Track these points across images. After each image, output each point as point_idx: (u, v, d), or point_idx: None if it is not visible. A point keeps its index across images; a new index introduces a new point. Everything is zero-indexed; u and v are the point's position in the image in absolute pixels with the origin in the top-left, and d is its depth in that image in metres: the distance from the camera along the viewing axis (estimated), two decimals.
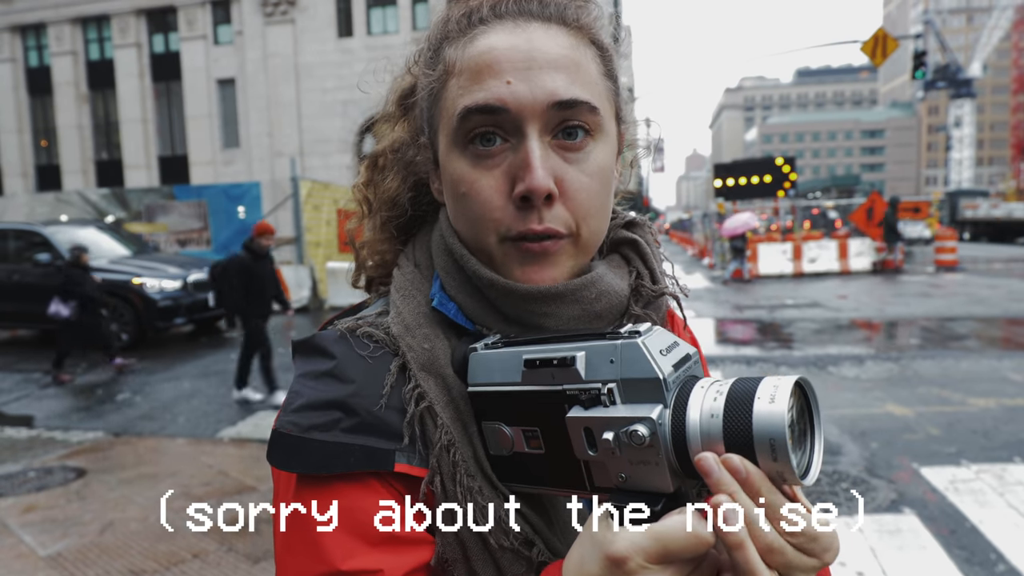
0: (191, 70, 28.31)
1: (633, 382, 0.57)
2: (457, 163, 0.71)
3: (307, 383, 0.70)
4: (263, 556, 3.90)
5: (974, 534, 3.96)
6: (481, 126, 0.69)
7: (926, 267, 19.47)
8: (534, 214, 0.69)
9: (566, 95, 0.68)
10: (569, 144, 0.70)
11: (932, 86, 78.76)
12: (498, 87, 0.68)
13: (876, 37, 16.12)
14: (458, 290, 0.74)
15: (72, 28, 29.43)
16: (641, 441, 0.54)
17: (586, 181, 0.71)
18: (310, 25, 26.51)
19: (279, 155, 26.22)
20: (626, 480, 0.57)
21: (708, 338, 10.50)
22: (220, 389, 7.89)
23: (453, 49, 0.73)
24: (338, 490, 0.66)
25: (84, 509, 4.66)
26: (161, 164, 29.37)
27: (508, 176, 0.69)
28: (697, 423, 0.54)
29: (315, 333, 0.75)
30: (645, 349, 0.57)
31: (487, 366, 0.66)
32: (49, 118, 30.45)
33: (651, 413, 0.55)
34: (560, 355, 0.60)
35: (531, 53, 0.69)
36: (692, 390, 0.56)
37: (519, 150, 0.69)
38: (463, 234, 0.74)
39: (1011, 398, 6.54)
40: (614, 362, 0.58)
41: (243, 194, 15.65)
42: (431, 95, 0.75)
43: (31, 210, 17.74)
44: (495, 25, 0.71)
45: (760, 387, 0.53)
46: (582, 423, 0.58)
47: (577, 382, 0.59)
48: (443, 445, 0.67)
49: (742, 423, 0.52)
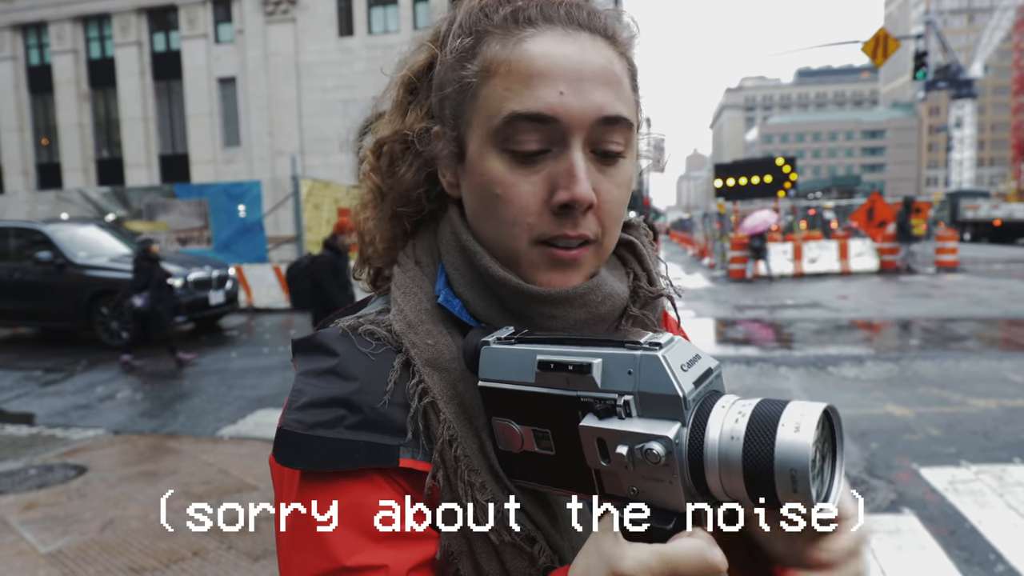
0: (192, 69, 28.33)
1: (651, 396, 0.54)
2: (493, 163, 0.71)
3: (310, 381, 0.70)
4: (263, 554, 3.91)
5: (973, 535, 3.96)
6: (527, 133, 0.69)
7: (926, 268, 19.47)
8: (570, 221, 0.70)
9: (612, 111, 0.70)
10: (607, 159, 0.72)
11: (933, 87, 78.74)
12: (550, 96, 0.68)
13: (877, 37, 16.14)
14: (466, 287, 0.75)
15: (73, 26, 29.45)
16: (656, 460, 0.53)
17: (617, 193, 0.73)
18: (311, 24, 26.51)
19: (280, 154, 26.24)
20: (638, 494, 0.56)
21: (708, 338, 10.50)
22: (220, 388, 7.90)
23: (499, 47, 0.71)
24: (342, 487, 0.66)
25: (85, 507, 4.67)
26: (162, 162, 29.39)
27: (548, 183, 0.70)
28: (716, 445, 0.52)
29: (316, 332, 0.75)
30: (666, 364, 0.54)
31: (500, 362, 0.64)
32: (50, 116, 30.47)
33: (668, 432, 0.53)
34: (576, 361, 0.58)
35: (582, 65, 0.69)
36: (713, 409, 0.54)
37: (561, 159, 0.69)
38: (486, 233, 0.74)
39: (1011, 399, 6.54)
40: (632, 373, 0.56)
41: (244, 193, 15.65)
42: (464, 89, 0.73)
43: (32, 208, 17.75)
44: (545, 29, 0.70)
45: (785, 413, 0.51)
46: (595, 433, 0.56)
47: (592, 390, 0.57)
48: (446, 440, 0.68)
49: (763, 450, 0.50)
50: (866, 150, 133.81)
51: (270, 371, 8.74)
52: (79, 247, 11.33)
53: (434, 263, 0.78)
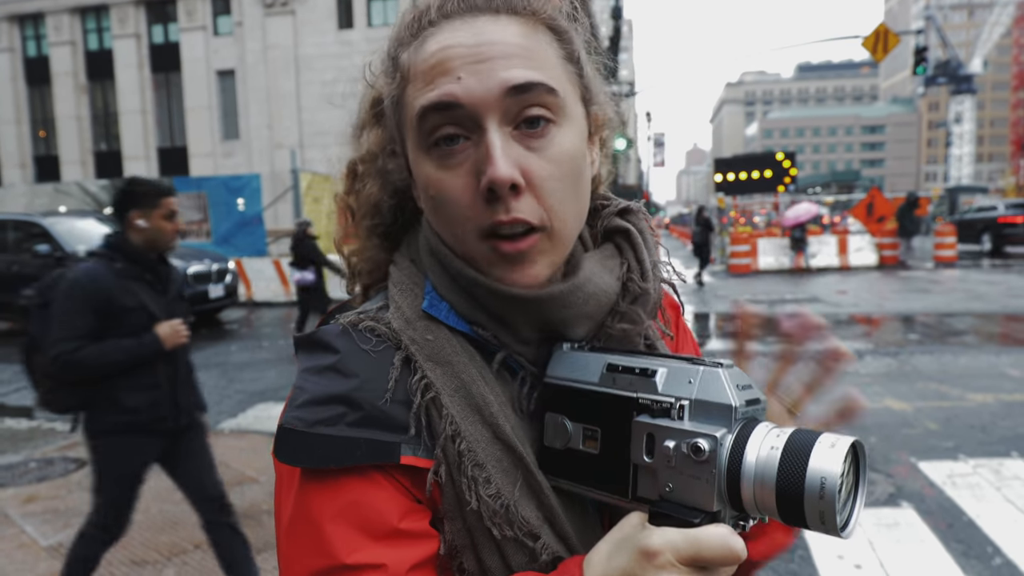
0: (191, 61, 28.23)
1: (705, 404, 0.60)
2: (424, 167, 0.71)
3: (311, 378, 0.70)
4: (264, 547, 3.91)
5: (971, 528, 3.98)
6: (440, 125, 0.68)
7: (925, 263, 19.49)
8: (500, 205, 0.67)
9: (520, 79, 0.67)
10: (531, 132, 0.68)
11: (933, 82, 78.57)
12: (448, 83, 0.67)
13: (877, 32, 16.10)
14: (447, 290, 0.74)
15: (71, 18, 29.32)
16: (701, 455, 0.57)
17: (551, 169, 0.69)
18: (310, 17, 26.42)
19: (279, 147, 26.18)
20: (672, 491, 0.60)
21: (707, 332, 10.52)
22: (220, 381, 7.90)
23: (407, 54, 0.73)
24: (343, 484, 0.66)
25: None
26: (160, 155, 29.32)
27: (473, 173, 0.68)
28: (755, 456, 0.57)
29: (317, 328, 0.75)
30: (725, 378, 0.60)
31: (569, 363, 0.70)
32: (48, 108, 30.36)
33: (715, 432, 0.58)
34: (643, 365, 0.65)
35: (479, 47, 0.68)
36: (755, 428, 0.59)
37: (480, 144, 0.68)
38: (444, 236, 0.74)
39: (1009, 393, 6.56)
40: (692, 383, 0.61)
41: (243, 186, 15.64)
42: (394, 103, 0.75)
43: (30, 201, 17.72)
44: (443, 25, 0.71)
45: (821, 438, 0.56)
46: (647, 428, 0.62)
47: (653, 393, 0.63)
48: (448, 436, 0.67)
49: (798, 460, 0.55)
50: (866, 145, 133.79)
51: (270, 365, 8.75)
52: (78, 240, 11.30)
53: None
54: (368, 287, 0.85)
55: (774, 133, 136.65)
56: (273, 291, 14.52)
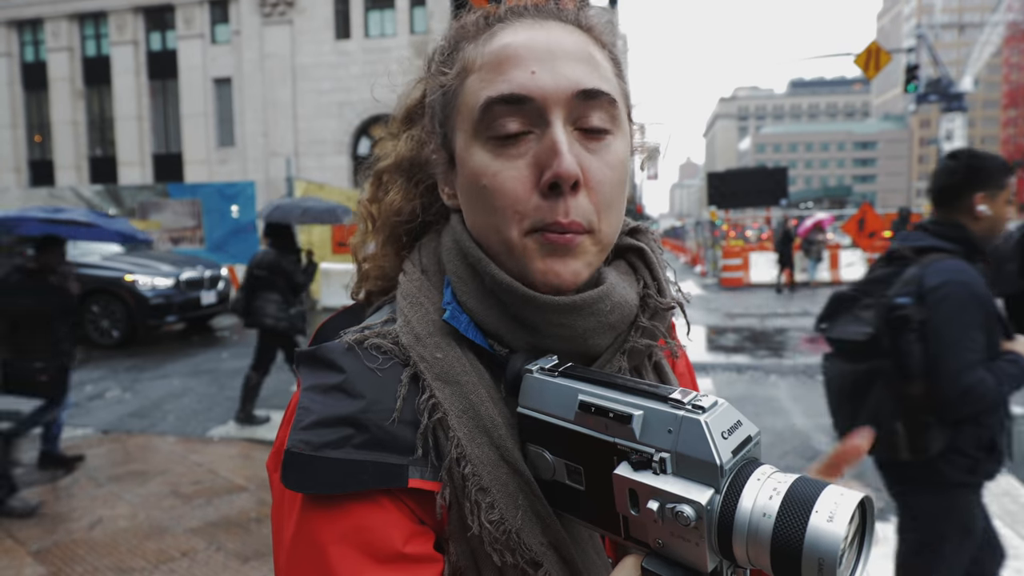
0: (187, 68, 28.25)
1: (688, 459, 0.54)
2: (478, 155, 0.70)
3: (316, 398, 0.68)
4: (252, 555, 3.90)
5: None
6: (505, 116, 0.69)
7: None
8: (561, 205, 0.67)
9: (590, 84, 0.69)
10: (591, 136, 0.70)
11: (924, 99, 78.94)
12: (522, 77, 0.68)
13: (869, 50, 16.23)
14: (471, 296, 0.73)
15: (69, 24, 29.33)
16: (686, 523, 0.53)
17: (608, 173, 0.70)
18: (308, 26, 26.49)
19: (274, 155, 26.17)
20: (663, 547, 0.56)
21: (699, 345, 10.54)
22: (211, 388, 7.87)
23: (472, 47, 0.73)
24: (347, 507, 0.65)
25: (72, 506, 4.64)
26: (155, 162, 29.26)
27: (533, 166, 0.68)
28: (747, 518, 0.52)
29: (321, 344, 0.73)
30: (707, 430, 0.54)
31: (541, 393, 0.65)
32: (44, 113, 30.30)
33: (701, 497, 0.53)
34: (618, 409, 0.58)
35: (551, 46, 0.69)
36: (748, 480, 0.53)
37: (544, 139, 0.68)
38: (481, 231, 0.73)
39: None
40: (672, 432, 0.55)
41: (238, 193, 15.59)
42: (446, 95, 0.75)
43: (24, 205, 17.63)
44: (515, 22, 0.73)
45: (821, 499, 0.50)
46: (628, 484, 0.56)
47: (630, 440, 0.57)
48: (454, 459, 0.66)
49: (794, 534, 0.50)
50: (857, 161, 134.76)
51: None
52: (71, 245, 11.26)
53: (440, 272, 0.77)
54: (372, 294, 0.85)
55: (767, 148, 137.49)
56: None
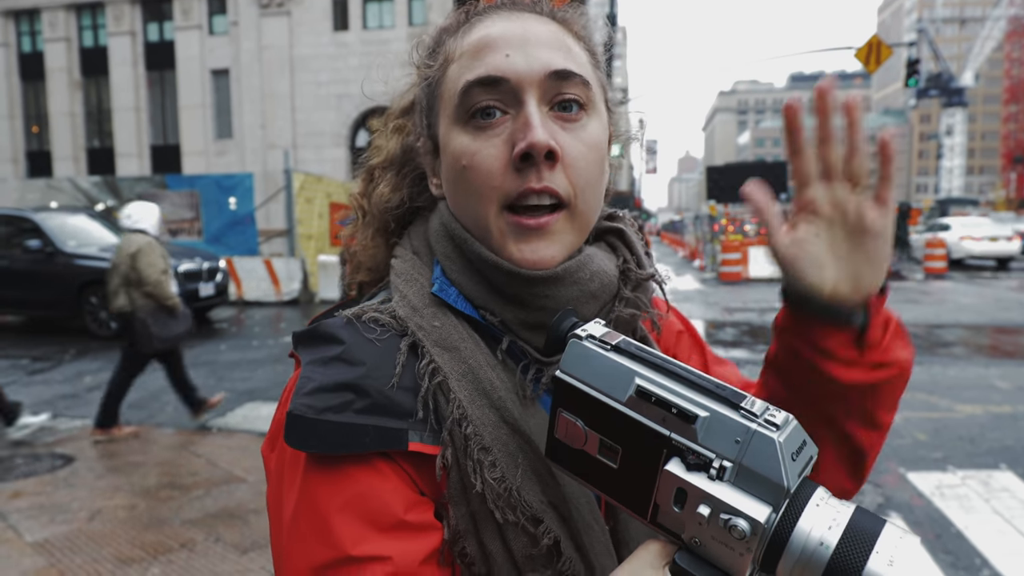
0: (185, 59, 28.14)
1: (753, 473, 0.52)
2: (458, 138, 0.74)
3: (317, 368, 0.70)
4: (251, 546, 3.89)
5: (959, 539, 4.00)
6: (482, 99, 0.72)
7: (915, 274, 19.59)
8: (533, 173, 0.71)
9: (561, 65, 0.73)
10: (565, 115, 0.74)
11: (924, 94, 79.28)
12: (497, 60, 0.72)
13: (870, 44, 16.21)
14: (459, 273, 0.76)
15: (66, 14, 29.19)
16: (740, 536, 0.51)
17: (583, 150, 0.74)
18: (306, 17, 26.38)
19: (272, 147, 26.10)
20: (700, 546, 0.54)
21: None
22: (209, 380, 7.86)
23: (452, 40, 0.78)
24: (349, 475, 0.66)
25: (72, 496, 4.63)
26: (153, 153, 29.19)
27: (509, 143, 0.72)
28: (803, 542, 0.50)
29: (319, 322, 0.75)
30: (780, 450, 0.51)
31: (591, 364, 0.61)
32: (41, 104, 30.19)
33: (759, 515, 0.51)
34: (682, 406, 0.55)
35: (526, 33, 0.74)
36: (806, 505, 0.52)
37: (518, 117, 0.72)
38: (464, 212, 0.76)
39: (997, 405, 6.60)
40: (739, 443, 0.52)
41: (235, 185, 15.56)
42: (430, 86, 0.80)
43: (21, 196, 17.59)
44: (491, 15, 0.78)
45: (881, 539, 0.49)
46: (679, 483, 0.54)
47: (690, 439, 0.54)
48: (455, 419, 0.68)
49: (851, 570, 0.49)
50: None
51: (259, 364, 8.70)
52: (69, 236, 11.23)
53: (430, 254, 0.81)
54: (364, 284, 0.88)
55: (766, 142, 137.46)
56: (263, 290, 14.46)
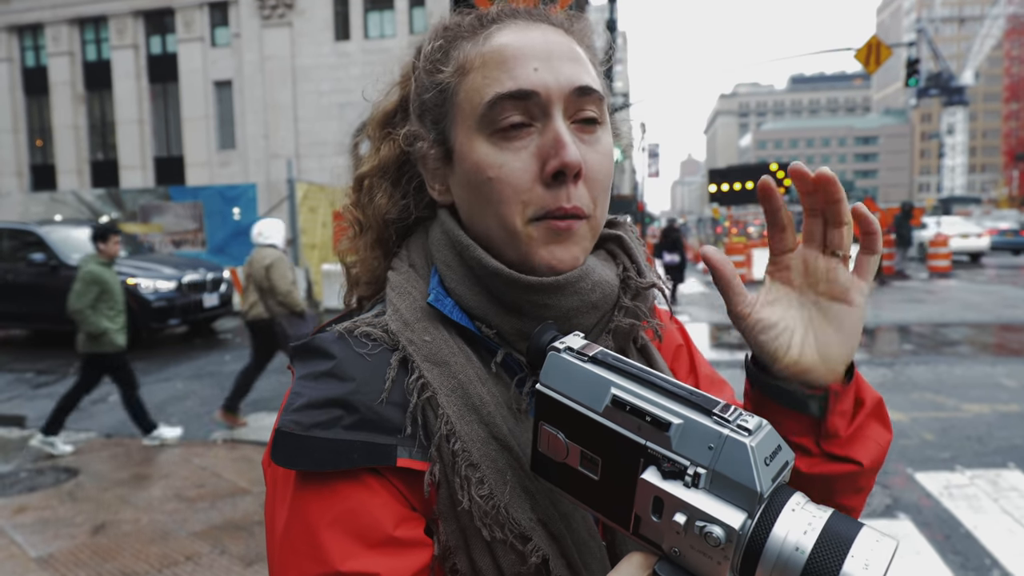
0: (188, 72, 28.26)
1: (726, 479, 0.52)
2: (482, 149, 0.74)
3: (307, 384, 0.70)
4: (256, 559, 3.88)
5: (968, 540, 3.97)
6: (511, 111, 0.72)
7: (919, 273, 19.52)
8: (563, 192, 0.72)
9: (584, 82, 0.74)
10: (586, 128, 0.75)
11: (925, 94, 79.22)
12: (527, 74, 0.72)
13: (870, 45, 16.18)
14: (458, 282, 0.76)
15: (69, 29, 29.35)
16: (715, 544, 0.51)
17: (601, 162, 0.75)
18: (307, 28, 26.48)
19: (275, 157, 26.17)
20: (679, 555, 0.54)
21: (703, 343, 10.50)
22: (214, 391, 7.86)
23: (471, 46, 0.77)
24: (339, 490, 0.66)
25: (76, 510, 4.63)
26: (156, 165, 29.28)
27: (537, 157, 0.72)
28: (778, 548, 0.50)
29: (313, 336, 0.76)
30: (752, 455, 0.51)
31: (568, 376, 0.61)
32: (45, 118, 30.34)
33: (734, 521, 0.51)
34: (656, 414, 0.55)
35: (549, 45, 0.75)
36: (782, 510, 0.52)
37: (546, 132, 0.72)
38: (481, 222, 0.76)
39: (1004, 404, 6.56)
40: (712, 449, 0.53)
41: (239, 196, 15.60)
42: (443, 91, 0.77)
43: (25, 209, 17.67)
44: (509, 23, 0.77)
45: (857, 543, 0.49)
46: (655, 491, 0.54)
47: (664, 447, 0.55)
48: (443, 435, 0.68)
49: (826, 574, 0.49)
50: (859, 156, 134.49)
51: (263, 375, 8.70)
52: (73, 249, 11.25)
53: (427, 265, 0.80)
54: (364, 298, 0.87)
55: (768, 144, 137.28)
56: None
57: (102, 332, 5.86)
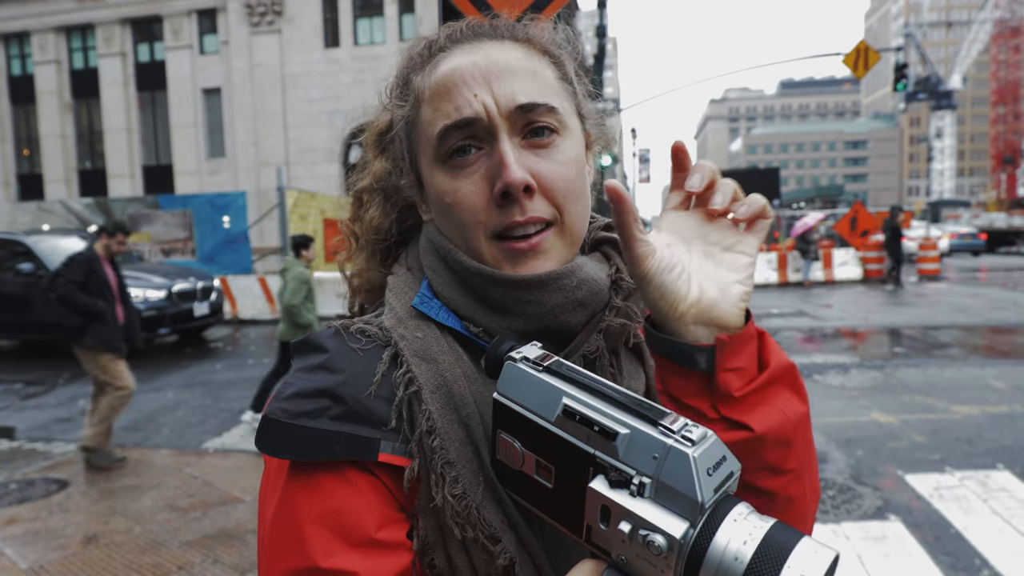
0: (176, 79, 28.20)
1: (669, 489, 0.53)
2: (439, 178, 0.77)
3: (300, 375, 0.73)
4: (249, 567, 3.86)
5: (958, 540, 3.99)
6: (456, 140, 0.75)
7: (909, 277, 19.65)
8: (515, 207, 0.73)
9: (525, 99, 0.74)
10: (538, 141, 0.75)
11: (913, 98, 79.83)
12: (467, 101, 0.74)
13: (858, 50, 16.30)
14: (445, 285, 0.78)
15: (56, 37, 29.24)
16: (657, 552, 0.52)
17: (561, 170, 0.75)
18: (296, 35, 26.48)
19: (265, 165, 26.13)
20: (626, 563, 0.55)
21: None
22: (205, 400, 7.82)
23: (420, 78, 0.80)
24: (326, 487, 0.68)
25: (67, 521, 4.60)
26: (145, 173, 29.18)
27: (487, 179, 0.74)
28: (718, 558, 0.51)
29: (312, 332, 0.79)
30: (694, 465, 0.52)
31: (523, 385, 0.63)
32: (32, 127, 30.20)
33: (676, 530, 0.52)
34: (604, 423, 0.57)
35: (488, 66, 0.75)
36: (724, 520, 0.52)
37: (493, 154, 0.74)
38: (455, 240, 0.78)
39: (994, 405, 6.61)
40: (657, 459, 0.54)
41: (229, 204, 15.57)
42: (407, 124, 0.82)
43: (13, 219, 17.57)
44: (453, 49, 0.79)
45: (794, 554, 0.50)
46: (602, 499, 0.56)
47: (612, 457, 0.56)
48: (424, 431, 0.69)
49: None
50: (848, 160, 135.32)
51: (255, 383, 8.63)
52: (61, 258, 11.19)
53: (423, 269, 0.83)
54: (365, 305, 0.91)
55: (758, 149, 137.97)
56: (258, 309, 14.43)
57: (309, 325, 6.43)
